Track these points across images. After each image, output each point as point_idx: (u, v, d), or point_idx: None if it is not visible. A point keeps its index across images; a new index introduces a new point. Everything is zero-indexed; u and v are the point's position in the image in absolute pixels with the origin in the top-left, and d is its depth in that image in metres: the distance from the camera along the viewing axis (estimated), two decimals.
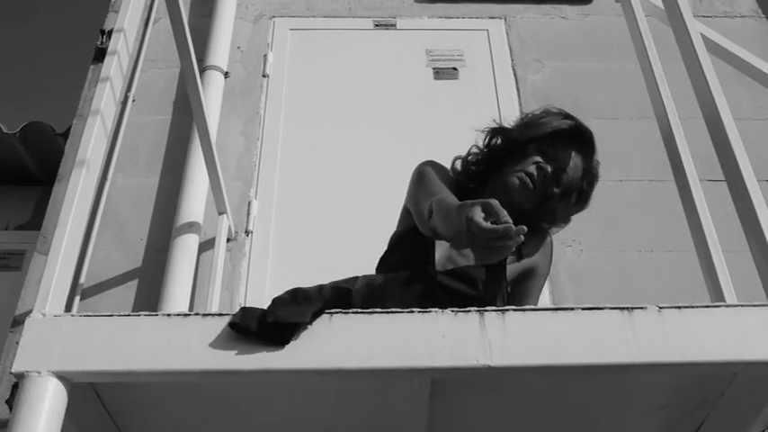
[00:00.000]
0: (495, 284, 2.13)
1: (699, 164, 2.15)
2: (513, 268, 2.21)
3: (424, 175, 2.25)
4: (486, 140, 2.35)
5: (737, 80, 3.59)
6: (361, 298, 1.99)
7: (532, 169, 2.19)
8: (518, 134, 2.29)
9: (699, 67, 1.98)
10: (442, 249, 2.17)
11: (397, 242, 2.31)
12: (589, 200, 2.35)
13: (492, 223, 1.65)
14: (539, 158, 2.21)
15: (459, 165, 2.38)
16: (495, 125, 2.36)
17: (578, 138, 2.27)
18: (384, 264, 2.27)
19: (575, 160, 2.24)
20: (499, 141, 2.32)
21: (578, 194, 2.30)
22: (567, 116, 2.30)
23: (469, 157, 2.37)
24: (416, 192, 2.22)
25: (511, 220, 1.65)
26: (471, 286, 2.08)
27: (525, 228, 1.63)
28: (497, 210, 1.67)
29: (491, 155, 2.33)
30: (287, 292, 1.95)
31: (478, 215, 1.68)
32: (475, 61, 4.41)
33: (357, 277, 2.10)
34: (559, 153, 2.22)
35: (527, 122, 2.32)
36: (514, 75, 4.36)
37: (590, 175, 2.31)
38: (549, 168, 2.19)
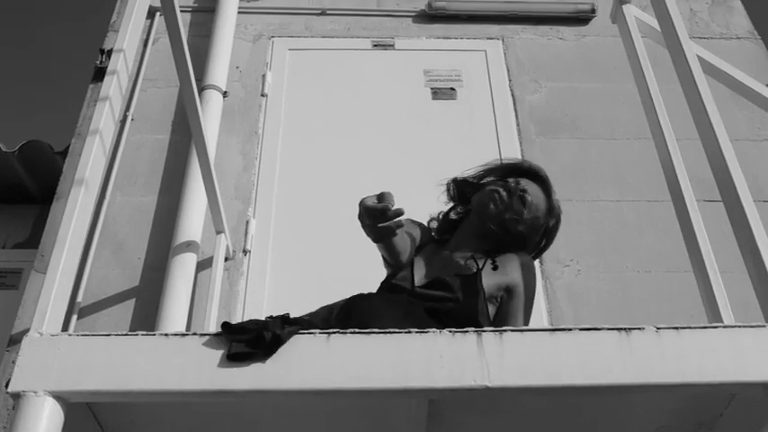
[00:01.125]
0: (471, 290, 2.18)
1: (696, 184, 2.16)
2: (490, 280, 2.23)
3: None
4: (452, 193, 2.58)
5: (734, 101, 3.61)
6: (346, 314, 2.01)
7: (499, 187, 2.40)
8: (479, 178, 2.53)
9: (695, 88, 1.99)
10: (419, 272, 2.28)
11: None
12: (553, 238, 2.51)
13: None
14: (502, 182, 2.42)
15: (435, 224, 2.58)
16: (453, 180, 2.59)
17: (534, 174, 2.48)
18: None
19: (535, 190, 2.42)
20: (465, 190, 2.54)
21: (544, 231, 2.46)
22: (525, 162, 2.60)
23: (441, 214, 2.58)
24: None
25: (394, 205, 1.96)
26: (448, 290, 2.15)
27: (402, 209, 1.96)
28: (386, 196, 1.98)
29: (461, 203, 2.56)
30: None
31: (370, 199, 2.03)
32: (473, 81, 4.42)
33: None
34: (521, 181, 2.42)
35: (483, 171, 2.55)
36: (512, 95, 4.37)
37: (554, 214, 2.47)
38: (515, 186, 2.39)
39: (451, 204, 2.59)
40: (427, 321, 1.90)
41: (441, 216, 2.58)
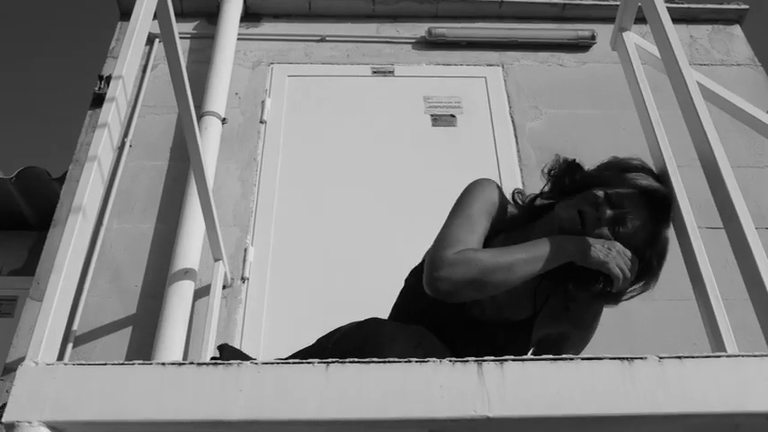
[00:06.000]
0: (520, 338, 2.04)
1: (697, 211, 2.15)
2: (544, 324, 2.10)
3: (471, 203, 2.03)
4: (554, 171, 2.14)
5: (735, 128, 3.61)
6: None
7: (587, 208, 1.95)
8: (588, 174, 2.08)
9: (696, 115, 1.98)
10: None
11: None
12: (655, 277, 2.08)
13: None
14: (599, 199, 1.95)
15: (519, 198, 2.18)
16: (567, 160, 2.14)
17: (654, 198, 2.00)
18: (412, 293, 2.13)
19: (641, 217, 1.97)
20: (567, 179, 2.09)
21: (641, 266, 2.01)
22: (650, 174, 2.07)
23: (528, 197, 2.16)
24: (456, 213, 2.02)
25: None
26: (490, 339, 2.00)
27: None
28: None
29: (556, 189, 2.11)
30: None
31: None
32: (472, 108, 4.43)
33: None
34: (626, 202, 1.96)
35: (604, 166, 2.11)
36: (512, 122, 4.37)
37: (658, 246, 2.04)
38: (608, 213, 1.93)
39: (545, 189, 2.14)
40: (441, 353, 1.80)
41: (527, 199, 2.15)
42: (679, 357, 1.56)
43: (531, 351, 2.12)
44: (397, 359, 1.55)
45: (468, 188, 2.09)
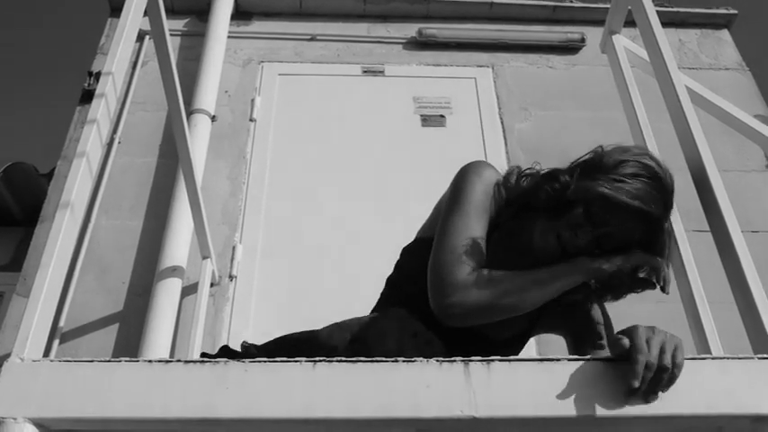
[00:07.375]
0: (511, 349, 2.02)
1: (684, 214, 2.16)
2: (540, 326, 2.11)
3: (470, 201, 1.89)
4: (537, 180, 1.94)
5: (723, 132, 3.62)
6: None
7: (565, 232, 1.78)
8: (574, 186, 1.84)
9: (684, 119, 1.98)
10: None
11: (420, 253, 1.92)
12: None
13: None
14: (580, 218, 1.77)
15: (513, 179, 1.97)
16: (551, 171, 1.96)
17: (645, 213, 1.75)
18: (400, 273, 2.06)
19: (630, 230, 1.77)
20: (549, 188, 1.87)
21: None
22: (646, 176, 1.78)
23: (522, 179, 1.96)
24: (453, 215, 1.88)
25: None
26: (480, 346, 1.88)
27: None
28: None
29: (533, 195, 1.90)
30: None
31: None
32: (462, 109, 4.43)
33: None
34: (611, 219, 1.76)
35: (590, 166, 1.93)
36: (501, 123, 4.38)
37: (654, 238, 1.81)
38: (588, 236, 1.76)
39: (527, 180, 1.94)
40: (434, 353, 1.69)
41: (523, 181, 1.95)
42: None
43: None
44: (384, 359, 1.55)
45: (463, 176, 1.97)
